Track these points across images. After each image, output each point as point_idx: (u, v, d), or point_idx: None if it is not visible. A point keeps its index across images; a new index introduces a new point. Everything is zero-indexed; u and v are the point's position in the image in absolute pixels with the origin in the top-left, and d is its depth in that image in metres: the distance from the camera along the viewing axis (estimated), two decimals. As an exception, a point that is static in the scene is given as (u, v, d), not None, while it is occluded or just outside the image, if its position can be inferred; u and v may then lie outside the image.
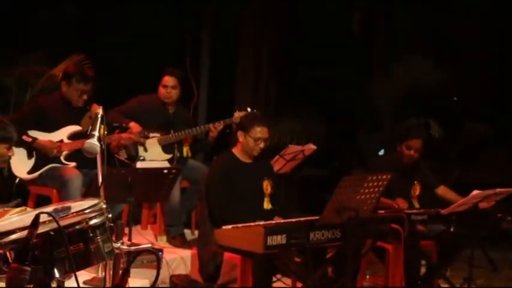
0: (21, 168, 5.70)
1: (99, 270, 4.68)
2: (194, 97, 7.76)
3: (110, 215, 3.03)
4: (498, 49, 9.17)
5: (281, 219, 5.13)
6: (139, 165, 5.99)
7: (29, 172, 5.73)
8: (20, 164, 5.68)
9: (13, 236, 2.74)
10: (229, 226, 4.81)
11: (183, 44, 8.58)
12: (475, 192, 5.41)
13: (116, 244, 3.07)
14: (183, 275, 5.66)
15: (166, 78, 6.30)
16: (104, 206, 3.00)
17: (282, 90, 9.24)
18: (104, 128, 3.65)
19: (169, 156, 6.25)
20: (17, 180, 5.75)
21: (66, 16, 7.74)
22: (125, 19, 8.06)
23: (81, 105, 5.81)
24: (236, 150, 5.32)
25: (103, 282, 3.72)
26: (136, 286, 4.73)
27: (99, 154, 3.57)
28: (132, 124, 6.10)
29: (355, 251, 5.01)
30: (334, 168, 7.77)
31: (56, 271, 2.72)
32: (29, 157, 5.71)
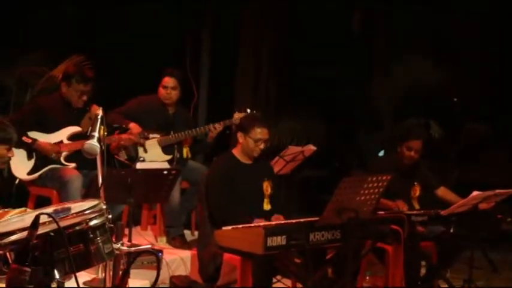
0: (21, 169, 5.70)
1: (99, 271, 4.68)
2: (194, 98, 7.75)
3: (110, 216, 3.03)
4: (498, 49, 9.16)
5: (280, 216, 5.13)
6: (139, 166, 5.99)
7: (29, 173, 5.73)
8: (20, 165, 5.68)
9: (13, 237, 2.74)
10: (229, 227, 4.80)
11: (183, 44, 8.57)
12: (475, 193, 5.41)
13: (116, 245, 3.07)
14: (183, 276, 5.66)
15: (166, 79, 6.30)
16: (104, 207, 3.01)
17: (282, 90, 9.23)
18: (104, 129, 3.64)
19: (169, 157, 6.25)
20: (17, 181, 5.75)
21: (66, 16, 7.73)
22: (125, 19, 8.05)
23: (81, 106, 5.81)
24: (236, 151, 5.32)
25: (103, 283, 3.72)
26: (136, 287, 4.73)
27: (99, 155, 3.57)
28: (132, 125, 6.09)
29: (355, 252, 5.01)
30: (334, 169, 7.76)
31: (56, 272, 2.73)
32: (29, 158, 5.70)
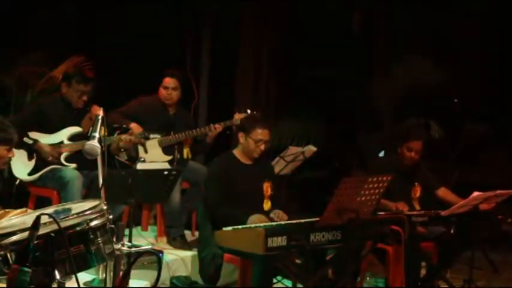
0: (21, 169, 5.70)
1: (99, 271, 4.68)
2: (194, 98, 7.74)
3: (111, 217, 3.04)
4: (498, 49, 9.15)
5: (280, 212, 5.11)
6: (139, 166, 5.98)
7: (30, 174, 5.73)
8: (21, 166, 5.68)
9: (14, 238, 2.75)
10: (229, 228, 4.80)
11: (183, 45, 8.56)
12: (475, 193, 5.41)
13: (117, 245, 3.07)
14: (184, 277, 5.66)
15: (167, 79, 6.30)
16: (105, 208, 3.01)
17: (282, 90, 9.22)
18: (105, 130, 3.64)
19: (169, 157, 6.24)
20: (17, 181, 5.75)
21: (66, 16, 7.72)
22: (125, 19, 8.04)
23: (81, 106, 5.82)
24: (236, 151, 5.32)
25: (104, 283, 3.72)
26: (136, 287, 4.73)
27: (99, 155, 3.57)
28: (133, 125, 6.09)
29: (355, 253, 5.01)
30: (334, 169, 7.75)
31: (57, 272, 2.73)
32: (30, 159, 5.70)
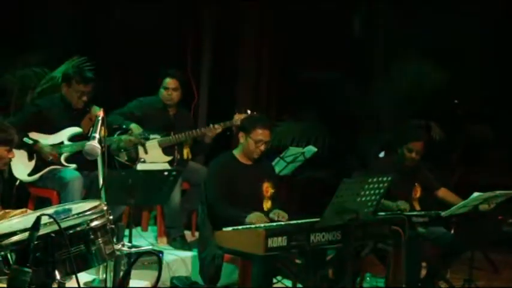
0: (21, 170, 5.70)
1: (100, 271, 4.67)
2: (195, 99, 7.75)
3: (111, 217, 3.03)
4: (498, 49, 9.15)
5: (281, 212, 5.11)
6: (139, 167, 5.98)
7: (30, 174, 5.73)
8: (21, 166, 5.68)
9: (14, 238, 2.75)
10: (229, 228, 4.80)
11: (184, 45, 8.56)
12: (476, 194, 5.41)
13: (117, 246, 3.07)
14: (184, 277, 5.66)
15: (167, 80, 6.30)
16: (105, 208, 3.01)
17: (283, 91, 9.22)
18: (105, 130, 3.64)
19: (169, 158, 6.24)
20: (18, 182, 5.75)
21: (66, 17, 7.72)
22: (125, 20, 8.05)
23: (81, 106, 5.82)
24: (236, 151, 5.31)
25: (104, 283, 3.71)
26: (137, 287, 4.73)
27: (99, 156, 3.57)
28: (133, 126, 6.09)
29: (355, 253, 5.01)
30: (334, 170, 7.74)
31: (57, 273, 2.73)
32: (30, 159, 5.70)
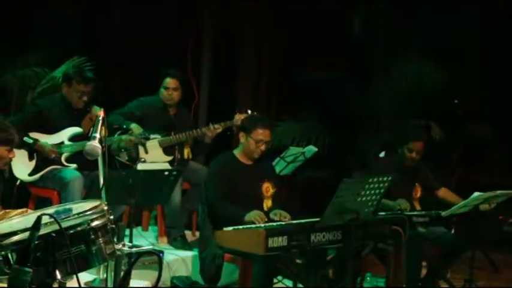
0: (22, 170, 5.70)
1: (100, 271, 4.68)
2: (195, 99, 7.75)
3: (112, 217, 3.03)
4: (498, 49, 9.14)
5: (283, 212, 5.10)
6: (140, 167, 5.99)
7: (30, 174, 5.73)
8: (21, 166, 5.68)
9: (15, 238, 2.75)
10: (230, 228, 4.80)
11: (184, 45, 8.55)
12: (476, 194, 5.41)
13: (117, 246, 3.07)
14: (184, 277, 5.67)
15: (168, 80, 6.30)
16: (106, 208, 3.01)
17: (283, 91, 9.22)
18: (105, 130, 3.64)
19: (170, 158, 6.24)
20: (18, 182, 5.75)
21: (66, 16, 7.72)
22: (125, 20, 8.05)
23: (81, 106, 5.82)
24: (237, 151, 5.31)
25: (105, 283, 3.72)
26: (137, 287, 4.73)
27: (100, 156, 3.57)
28: (133, 125, 6.09)
29: (356, 253, 5.01)
30: (335, 170, 7.74)
31: (58, 272, 2.73)
32: (30, 159, 5.71)
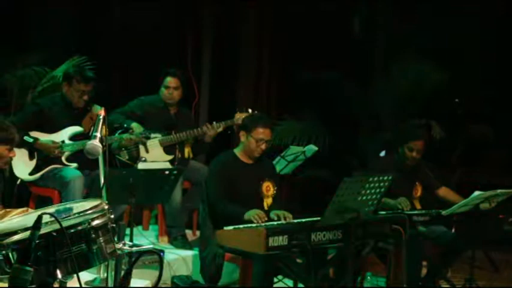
0: (22, 169, 5.70)
1: (101, 270, 4.68)
2: (195, 98, 7.75)
3: (112, 216, 3.03)
4: (498, 49, 9.14)
5: (285, 212, 5.10)
6: (140, 166, 5.99)
7: (31, 173, 5.73)
8: (22, 165, 5.68)
9: (15, 237, 2.75)
10: (230, 227, 4.80)
11: (184, 44, 8.56)
12: (477, 193, 5.41)
13: (118, 245, 3.07)
14: (185, 276, 5.67)
15: (168, 79, 6.30)
16: (106, 207, 3.01)
17: (284, 90, 9.23)
18: (106, 129, 3.64)
19: (170, 157, 6.24)
20: (19, 181, 5.75)
21: (67, 16, 7.72)
22: (126, 19, 8.06)
23: (81, 105, 5.83)
24: (237, 150, 5.31)
25: (105, 282, 3.72)
26: (138, 287, 4.73)
27: (100, 155, 3.57)
28: (134, 125, 6.09)
29: (356, 252, 5.00)
30: (335, 169, 7.74)
31: (58, 272, 2.73)
32: (31, 158, 5.71)
